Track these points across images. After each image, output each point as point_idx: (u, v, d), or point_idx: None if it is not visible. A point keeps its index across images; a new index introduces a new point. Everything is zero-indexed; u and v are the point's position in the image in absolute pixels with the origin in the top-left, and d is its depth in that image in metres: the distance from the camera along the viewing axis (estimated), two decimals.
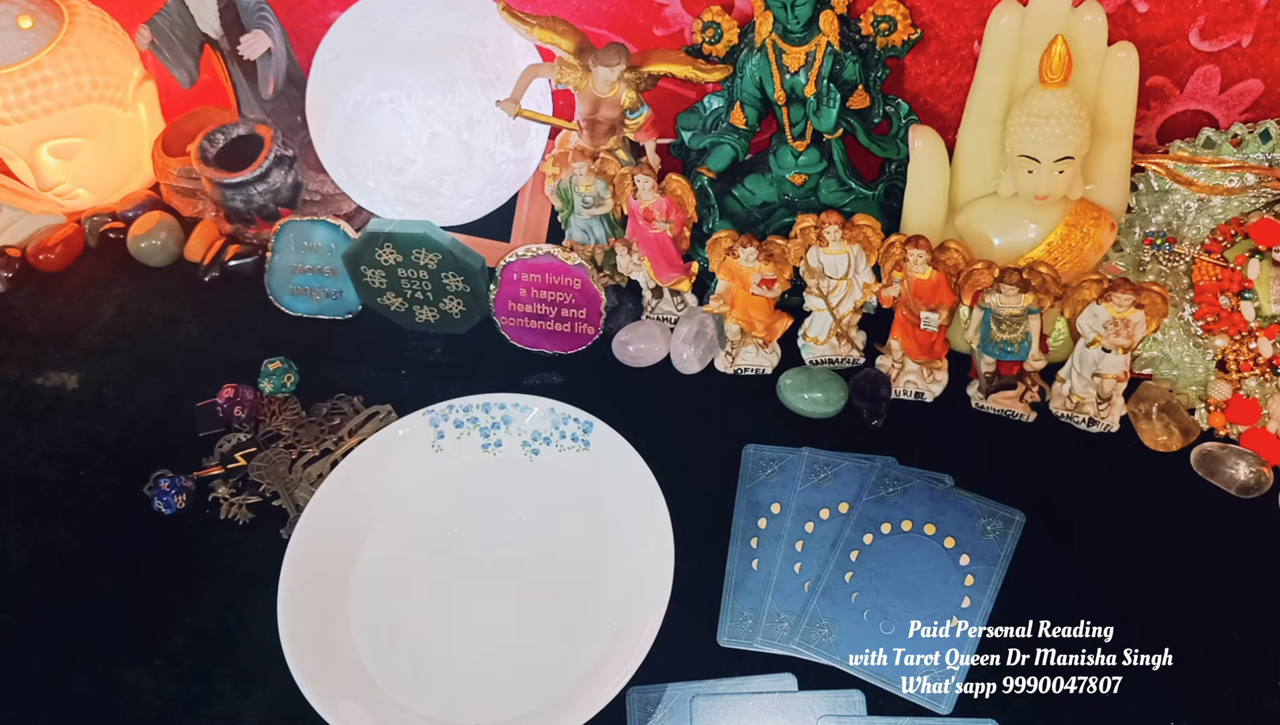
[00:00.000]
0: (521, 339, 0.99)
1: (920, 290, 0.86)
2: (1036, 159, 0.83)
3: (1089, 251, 0.88)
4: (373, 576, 0.83)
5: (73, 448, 0.95)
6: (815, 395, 0.90)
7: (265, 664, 0.77)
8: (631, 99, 0.93)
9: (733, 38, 0.94)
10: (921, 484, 0.83)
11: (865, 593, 0.78)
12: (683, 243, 0.97)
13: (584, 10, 1.04)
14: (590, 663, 0.76)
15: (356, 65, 0.97)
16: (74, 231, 1.14)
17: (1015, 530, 0.80)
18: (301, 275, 1.02)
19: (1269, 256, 0.86)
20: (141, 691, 0.78)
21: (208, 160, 1.07)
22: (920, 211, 0.91)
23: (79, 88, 1.08)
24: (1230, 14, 0.88)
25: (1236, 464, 0.82)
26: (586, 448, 0.87)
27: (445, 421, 0.89)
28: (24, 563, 0.87)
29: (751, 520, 0.83)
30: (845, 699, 0.73)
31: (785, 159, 0.98)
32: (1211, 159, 0.90)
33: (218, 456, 0.92)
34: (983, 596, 0.76)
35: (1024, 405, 0.88)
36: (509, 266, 0.95)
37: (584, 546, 0.83)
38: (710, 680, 0.74)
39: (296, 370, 0.98)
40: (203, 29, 1.06)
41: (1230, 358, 0.87)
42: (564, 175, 0.97)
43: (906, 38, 0.92)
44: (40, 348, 1.05)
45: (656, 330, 0.97)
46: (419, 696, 0.75)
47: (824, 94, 0.93)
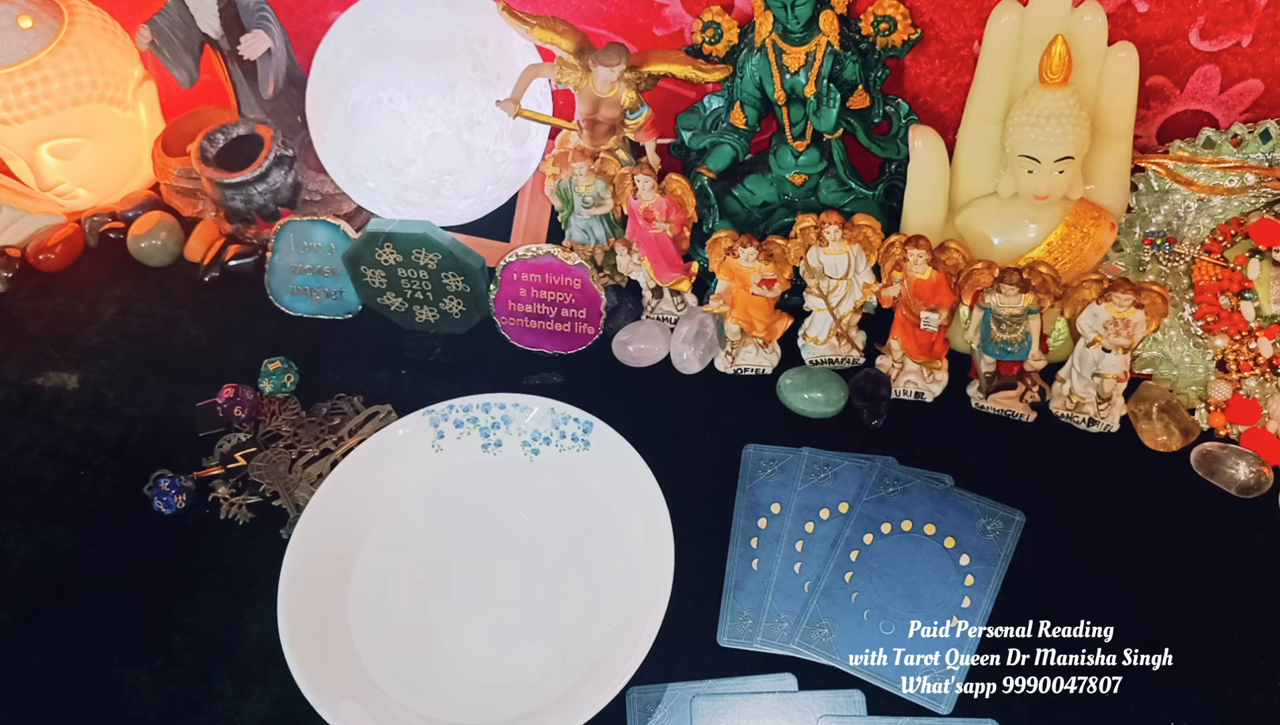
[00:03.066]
0: (521, 339, 0.99)
1: (920, 290, 0.86)
2: (1036, 159, 0.83)
3: (1089, 251, 0.88)
4: (373, 576, 0.83)
5: (73, 448, 0.95)
6: (815, 395, 0.90)
7: (265, 664, 0.77)
8: (631, 99, 0.93)
9: (733, 38, 0.94)
10: (921, 484, 0.83)
11: (865, 593, 0.78)
12: (683, 243, 0.97)
13: (584, 10, 1.04)
14: (590, 663, 0.76)
15: (356, 65, 0.97)
16: (74, 231, 1.14)
17: (1015, 530, 0.80)
18: (301, 275, 1.02)
19: (1269, 256, 0.86)
20: (141, 691, 0.78)
21: (208, 160, 1.07)
22: (920, 211, 0.91)
23: (79, 88, 1.08)
24: (1230, 14, 0.88)
25: (1236, 464, 0.82)
26: (586, 448, 0.87)
27: (445, 421, 0.89)
28: (24, 563, 0.87)
29: (751, 520, 0.83)
30: (845, 699, 0.73)
31: (785, 159, 0.98)
32: (1211, 159, 0.90)
33: (218, 456, 0.92)
34: (983, 596, 0.76)
35: (1024, 405, 0.88)
36: (509, 266, 0.95)
37: (584, 547, 0.83)
38: (710, 680, 0.74)
39: (296, 370, 0.98)
40: (203, 29, 1.06)
41: (1230, 358, 0.87)
42: (564, 175, 0.97)
43: (906, 38, 0.92)
44: (40, 348, 1.05)
45: (656, 330, 0.97)
46: (419, 696, 0.75)
47: (824, 94, 0.93)
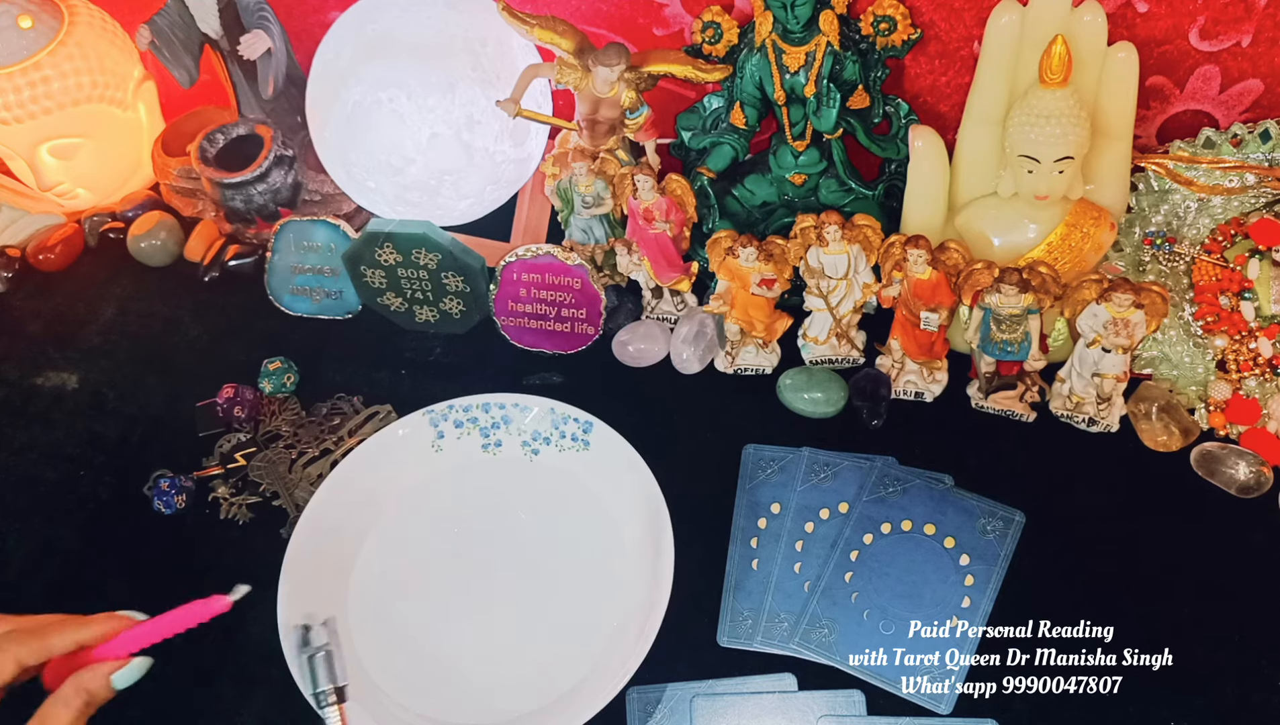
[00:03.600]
0: (521, 339, 0.99)
1: (920, 290, 0.86)
2: (1036, 159, 0.83)
3: (1089, 251, 0.88)
4: (373, 576, 0.83)
5: (73, 448, 0.95)
6: (815, 395, 0.90)
7: (265, 664, 0.77)
8: (631, 99, 0.93)
9: (733, 38, 0.94)
10: (921, 484, 0.83)
11: (865, 593, 0.78)
12: (683, 243, 0.97)
13: (584, 10, 1.04)
14: (590, 663, 0.76)
15: (356, 65, 0.97)
16: (74, 231, 1.14)
17: (1015, 530, 0.80)
18: (301, 275, 1.02)
19: (1269, 256, 0.86)
20: (141, 692, 0.78)
21: (208, 160, 1.07)
22: (920, 211, 0.91)
23: (79, 88, 1.08)
24: (1230, 14, 0.88)
25: (1236, 464, 0.82)
26: (586, 448, 0.87)
27: (445, 421, 0.89)
28: (24, 563, 0.87)
29: (751, 520, 0.83)
30: (845, 699, 0.73)
31: (785, 159, 0.98)
32: (1211, 159, 0.90)
33: (218, 456, 0.92)
34: (983, 596, 0.76)
35: (1024, 405, 0.88)
36: (509, 266, 0.95)
37: (584, 546, 0.83)
38: (710, 680, 0.74)
39: (296, 370, 0.98)
40: (203, 29, 1.06)
41: (1230, 358, 0.87)
42: (564, 175, 0.97)
43: (906, 38, 0.92)
44: (40, 348, 1.05)
45: (656, 330, 0.97)
46: (419, 696, 0.75)
47: (824, 94, 0.93)
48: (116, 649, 0.59)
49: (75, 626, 0.58)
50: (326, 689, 0.62)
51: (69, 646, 0.58)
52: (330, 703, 0.61)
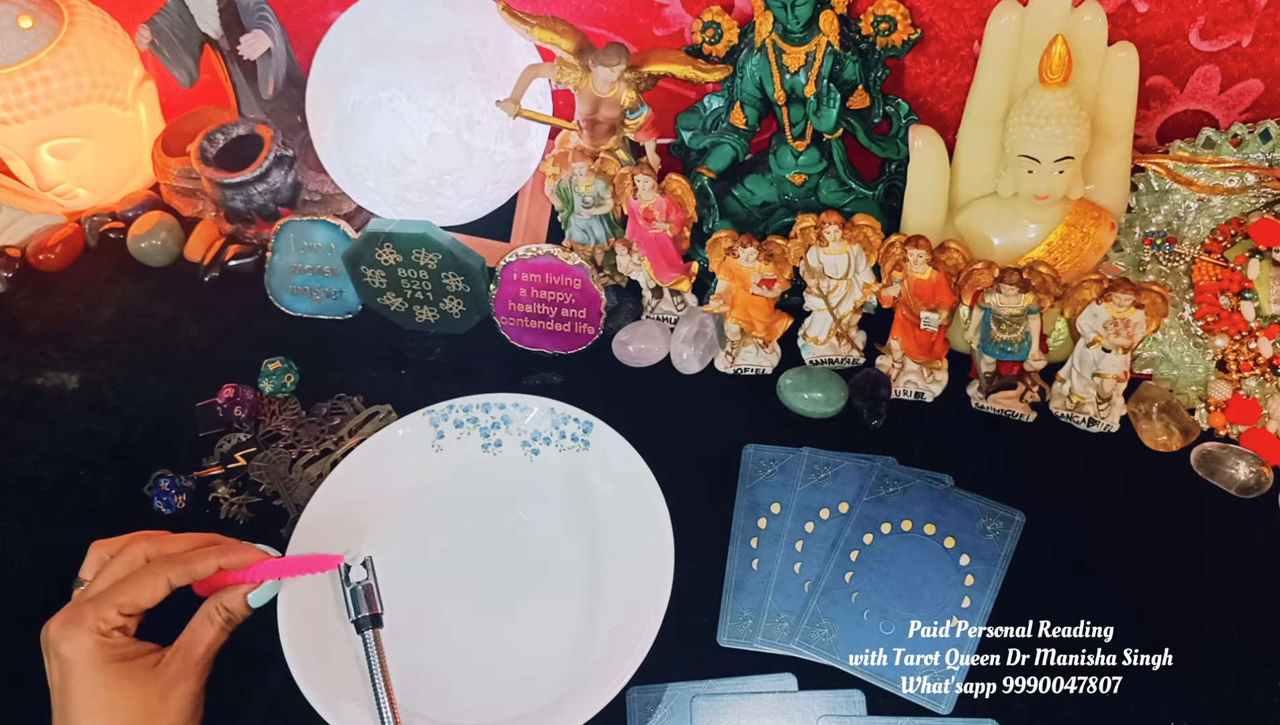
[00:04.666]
0: (521, 339, 0.99)
1: (920, 290, 0.86)
2: (1036, 159, 0.83)
3: (1089, 251, 0.88)
4: None
5: (73, 448, 0.95)
6: (815, 395, 0.90)
7: (265, 664, 0.77)
8: (631, 99, 0.93)
9: (733, 38, 0.94)
10: (921, 484, 0.83)
11: (865, 593, 0.78)
12: (683, 243, 0.97)
13: (584, 10, 1.04)
14: (590, 663, 0.76)
15: (356, 65, 0.97)
16: (74, 231, 1.14)
17: (1015, 530, 0.80)
18: (301, 275, 1.02)
19: (1269, 256, 0.86)
20: None
21: (208, 160, 1.07)
22: (920, 211, 0.91)
23: (79, 88, 1.08)
24: (1230, 14, 0.88)
25: (1236, 464, 0.82)
26: (586, 448, 0.87)
27: (445, 421, 0.89)
28: (24, 563, 0.87)
29: (751, 520, 0.83)
30: (845, 699, 0.73)
31: (785, 159, 0.98)
32: (1211, 159, 0.90)
33: (218, 456, 0.92)
34: (983, 596, 0.76)
35: (1024, 405, 0.88)
36: (509, 266, 0.95)
37: (584, 546, 0.83)
38: (710, 680, 0.74)
39: (296, 370, 0.98)
40: (203, 29, 1.06)
41: (1230, 358, 0.87)
42: (564, 175, 0.97)
43: (906, 38, 0.92)
44: (40, 348, 1.05)
45: (656, 330, 0.97)
46: (419, 696, 0.75)
47: (824, 94, 0.93)
48: (250, 575, 0.70)
49: (218, 553, 0.69)
50: (365, 616, 0.71)
51: (211, 570, 0.68)
52: (368, 628, 0.70)
